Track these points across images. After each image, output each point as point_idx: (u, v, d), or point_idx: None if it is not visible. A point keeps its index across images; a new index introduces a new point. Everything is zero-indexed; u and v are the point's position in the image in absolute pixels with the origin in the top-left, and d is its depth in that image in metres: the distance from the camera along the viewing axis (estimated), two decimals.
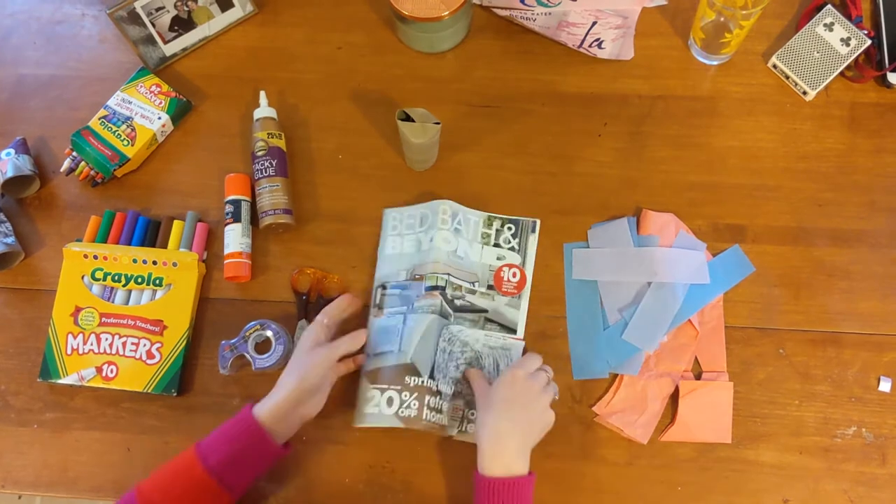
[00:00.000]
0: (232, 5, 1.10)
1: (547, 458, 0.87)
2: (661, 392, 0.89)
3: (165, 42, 1.08)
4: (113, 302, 0.95)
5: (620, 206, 0.98)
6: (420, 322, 0.91)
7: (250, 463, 0.80)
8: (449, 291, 0.93)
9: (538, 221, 0.98)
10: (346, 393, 0.92)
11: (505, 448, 0.79)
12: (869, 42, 1.00)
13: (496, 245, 0.97)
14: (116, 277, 0.96)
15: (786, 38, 1.04)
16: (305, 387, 0.82)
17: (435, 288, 0.92)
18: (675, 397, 0.89)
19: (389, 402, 0.87)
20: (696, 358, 0.91)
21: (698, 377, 0.90)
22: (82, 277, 0.96)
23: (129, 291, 0.96)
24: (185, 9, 1.07)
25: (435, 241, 0.94)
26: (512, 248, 0.97)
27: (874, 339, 0.91)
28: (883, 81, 1.02)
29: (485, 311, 0.94)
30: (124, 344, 0.93)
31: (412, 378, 0.88)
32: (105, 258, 0.96)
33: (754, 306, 0.93)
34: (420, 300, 0.92)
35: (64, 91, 1.11)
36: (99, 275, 0.96)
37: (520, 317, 0.94)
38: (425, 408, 0.86)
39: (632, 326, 0.91)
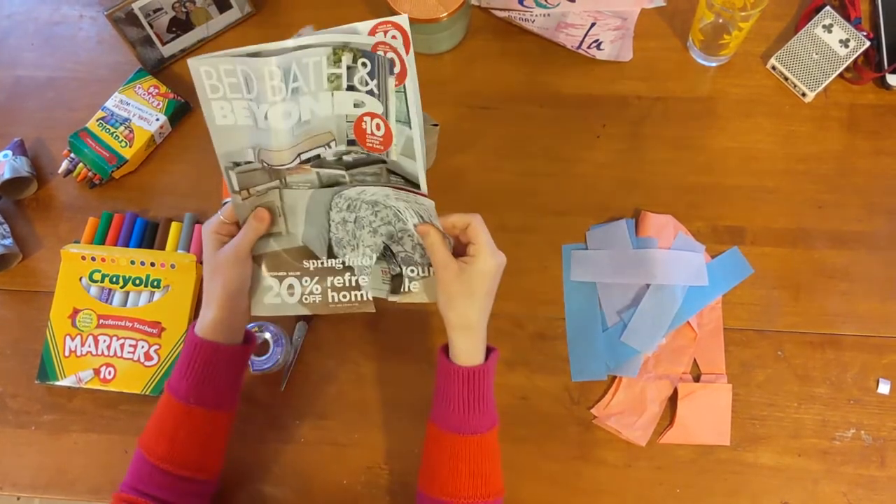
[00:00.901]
0: (230, 6, 1.10)
1: (545, 459, 0.87)
2: (660, 394, 0.89)
3: (163, 43, 1.08)
4: (111, 304, 0.95)
5: (619, 207, 0.98)
6: (298, 200, 0.77)
7: (221, 376, 0.79)
8: (328, 153, 0.75)
9: (393, 54, 0.72)
10: (344, 395, 0.92)
11: (483, 336, 0.77)
12: (868, 44, 1.00)
13: (350, 88, 0.72)
14: (114, 279, 0.96)
15: (785, 39, 1.04)
16: (232, 290, 0.77)
17: (308, 161, 0.75)
18: (673, 399, 0.89)
19: (290, 290, 0.80)
20: (694, 360, 0.91)
21: (697, 379, 0.90)
22: (80, 279, 0.96)
23: (127, 293, 0.96)
24: (184, 10, 1.07)
25: (270, 119, 0.71)
26: (371, 92, 0.71)
27: (873, 341, 0.91)
28: (882, 83, 1.02)
29: (383, 161, 0.75)
30: (122, 346, 0.93)
31: (311, 262, 0.79)
32: (103, 260, 0.96)
33: (753, 308, 0.93)
34: (292, 174, 0.76)
35: (61, 92, 1.11)
36: (97, 276, 0.96)
37: (418, 168, 0.73)
38: (330, 290, 0.79)
39: (630, 328, 0.91)
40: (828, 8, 1.02)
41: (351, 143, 0.74)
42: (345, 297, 0.79)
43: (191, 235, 0.98)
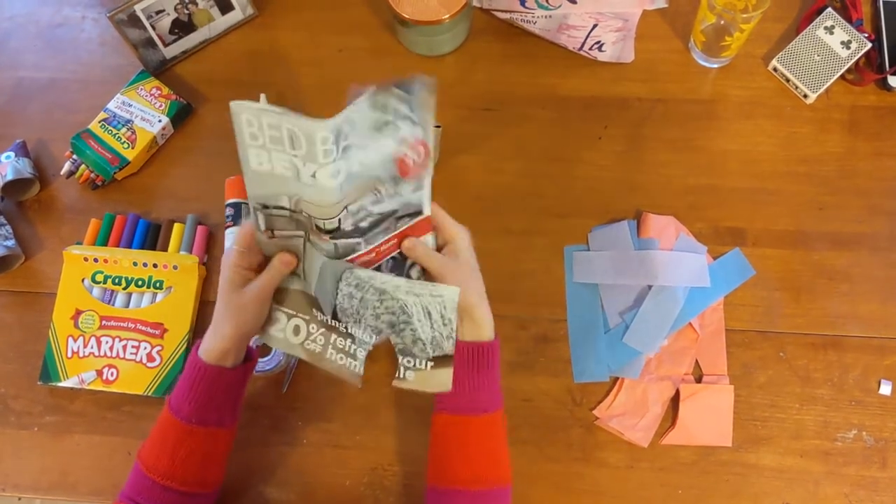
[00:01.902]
0: (232, 8, 1.10)
1: (547, 460, 0.88)
2: (662, 395, 0.89)
3: (165, 45, 1.08)
4: (113, 305, 0.95)
5: (621, 209, 0.98)
6: (315, 259, 0.77)
7: (225, 398, 0.79)
8: (348, 222, 0.74)
9: (429, 83, 0.71)
10: (347, 397, 0.92)
11: (487, 311, 0.78)
12: (869, 45, 1.00)
13: (391, 123, 0.71)
14: (117, 280, 0.96)
15: (786, 41, 1.04)
16: (248, 330, 0.77)
17: (329, 232, 0.74)
18: (675, 401, 0.89)
19: (296, 330, 0.78)
20: (696, 361, 0.91)
21: (699, 380, 0.90)
22: (82, 280, 0.96)
23: (130, 294, 0.96)
24: (186, 12, 1.07)
25: (319, 178, 0.68)
26: (408, 119, 0.71)
27: (875, 343, 0.91)
28: (883, 84, 1.02)
29: (394, 211, 0.75)
30: (125, 347, 0.93)
31: (318, 312, 0.78)
32: (105, 261, 0.96)
33: (755, 309, 0.93)
34: (313, 233, 0.75)
35: (64, 94, 1.11)
36: (99, 278, 0.96)
37: (424, 196, 0.75)
38: (331, 347, 0.77)
39: (632, 330, 0.91)
40: (829, 9, 1.03)
41: (395, 179, 0.73)
42: (341, 359, 0.78)
43: (193, 237, 0.99)
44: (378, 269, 0.78)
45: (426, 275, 0.79)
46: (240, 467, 0.89)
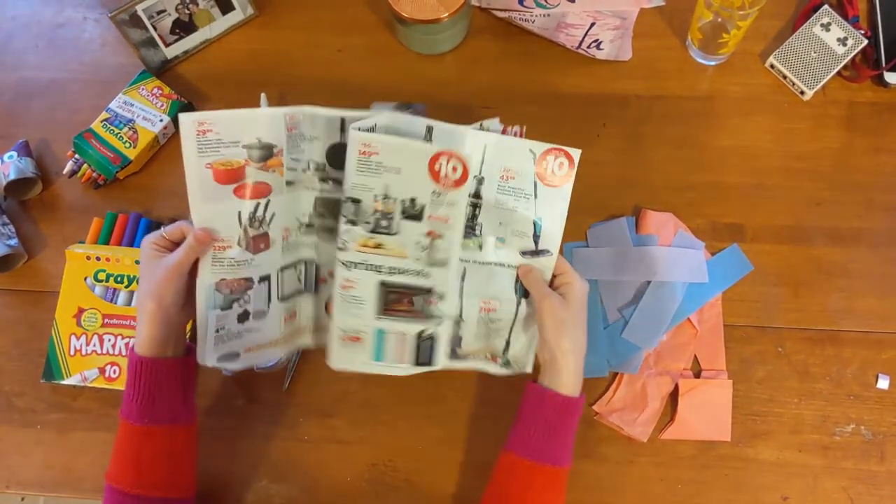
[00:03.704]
0: (233, 8, 1.10)
1: None
2: (661, 390, 0.90)
3: (167, 45, 1.09)
4: (115, 303, 0.96)
5: (619, 205, 0.99)
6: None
7: (170, 390, 0.78)
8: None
9: (426, 105, 0.86)
10: (349, 393, 0.92)
11: (582, 367, 0.79)
12: (866, 42, 1.01)
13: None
14: (119, 279, 0.97)
15: (783, 38, 1.04)
16: (167, 305, 0.77)
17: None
18: (674, 395, 0.90)
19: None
20: (695, 356, 0.92)
21: (698, 375, 0.91)
22: (85, 279, 0.97)
23: (132, 293, 0.97)
24: (187, 12, 1.07)
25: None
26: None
27: (872, 337, 0.92)
28: (880, 81, 1.02)
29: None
30: (127, 345, 0.94)
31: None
32: (107, 260, 0.97)
33: (753, 305, 0.94)
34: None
35: (66, 94, 1.11)
36: (101, 276, 0.97)
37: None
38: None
39: (631, 325, 0.91)
40: (826, 6, 1.03)
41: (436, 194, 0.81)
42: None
43: None
44: None
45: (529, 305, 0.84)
46: (241, 463, 0.89)
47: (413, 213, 0.80)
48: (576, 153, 0.84)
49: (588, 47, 1.05)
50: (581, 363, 0.79)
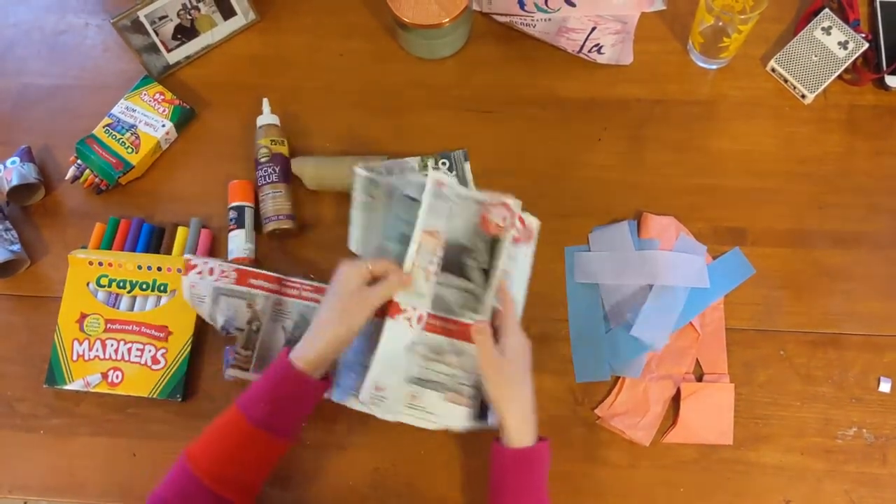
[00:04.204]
0: (234, 13, 1.11)
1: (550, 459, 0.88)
2: (663, 394, 0.90)
3: (168, 50, 1.09)
4: (118, 308, 0.96)
5: (621, 209, 0.99)
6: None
7: (296, 407, 0.80)
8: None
9: (465, 151, 1.00)
10: None
11: (532, 416, 0.80)
12: (866, 45, 1.01)
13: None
14: (121, 284, 0.97)
15: (784, 41, 1.05)
16: (351, 332, 0.80)
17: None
18: (676, 399, 0.90)
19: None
20: (697, 360, 0.92)
21: (700, 379, 0.91)
22: (87, 284, 0.97)
23: (134, 298, 0.97)
24: (188, 17, 1.08)
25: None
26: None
27: (875, 341, 0.92)
28: (881, 84, 1.02)
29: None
30: (129, 350, 0.94)
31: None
32: (110, 265, 0.97)
33: (755, 308, 0.94)
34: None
35: (68, 100, 1.12)
36: (104, 281, 0.97)
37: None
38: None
39: (639, 322, 0.91)
40: (826, 10, 1.03)
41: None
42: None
43: (197, 240, 0.99)
44: None
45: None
46: None
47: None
48: (516, 204, 0.90)
49: (589, 51, 1.06)
50: (527, 412, 0.80)
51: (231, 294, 0.90)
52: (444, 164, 1.00)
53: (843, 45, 1.01)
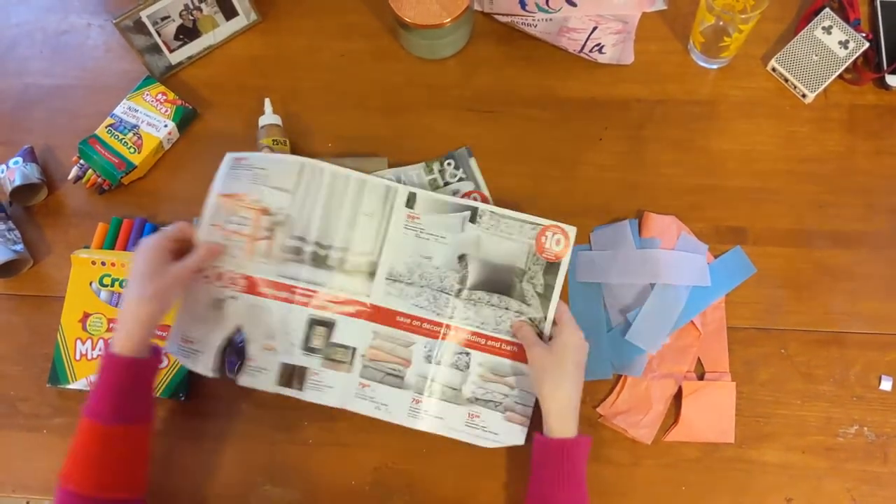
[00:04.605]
0: (236, 14, 1.11)
1: None
2: (665, 393, 0.90)
3: (171, 51, 1.09)
4: (121, 308, 0.96)
5: (622, 209, 0.99)
6: None
7: (138, 391, 0.81)
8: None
9: (468, 147, 1.01)
10: None
11: (574, 411, 0.81)
12: (867, 45, 1.01)
13: (447, 184, 1.00)
14: (124, 283, 0.97)
15: (784, 41, 1.05)
16: (166, 308, 0.83)
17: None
18: (678, 398, 0.90)
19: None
20: (698, 359, 0.92)
21: (701, 378, 0.91)
22: (90, 284, 0.97)
23: None
24: (191, 18, 1.08)
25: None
26: (461, 179, 1.00)
27: (876, 339, 0.92)
28: (881, 84, 1.03)
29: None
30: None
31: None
32: (113, 264, 0.97)
33: (756, 307, 0.94)
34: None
35: (70, 100, 1.12)
36: (107, 281, 0.97)
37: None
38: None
39: (635, 327, 0.91)
40: (827, 10, 1.03)
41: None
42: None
43: None
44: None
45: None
46: (245, 466, 0.89)
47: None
48: (571, 230, 0.92)
49: (590, 51, 1.06)
50: (568, 405, 0.81)
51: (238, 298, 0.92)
52: (449, 164, 1.01)
53: (844, 44, 1.02)
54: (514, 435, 0.88)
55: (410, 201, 0.93)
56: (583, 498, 0.79)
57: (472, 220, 0.92)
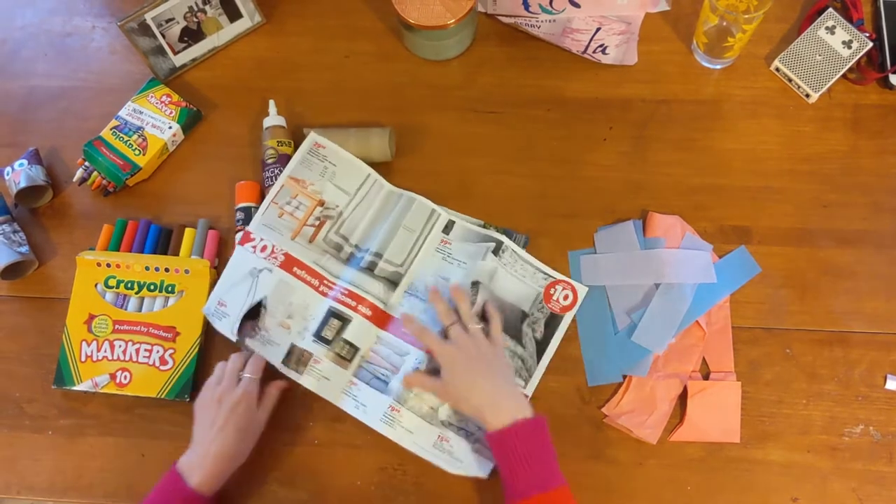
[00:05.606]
0: (240, 16, 1.11)
1: (558, 458, 0.88)
2: (670, 393, 0.90)
3: (175, 53, 1.10)
4: (126, 309, 0.96)
5: (626, 209, 0.99)
6: None
7: None
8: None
9: (527, 237, 0.99)
10: None
11: (506, 398, 0.83)
12: (870, 44, 1.01)
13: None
14: (129, 285, 0.97)
15: (788, 41, 1.05)
16: (246, 452, 0.86)
17: None
18: (683, 398, 0.90)
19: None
20: (703, 359, 0.92)
21: (706, 377, 0.91)
22: (95, 285, 0.97)
23: (142, 298, 0.97)
24: (195, 20, 1.08)
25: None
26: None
27: (880, 339, 0.92)
28: (885, 83, 1.03)
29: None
30: (137, 350, 0.94)
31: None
32: (118, 266, 0.98)
33: (761, 307, 0.94)
34: None
35: (75, 102, 1.12)
36: (112, 282, 0.97)
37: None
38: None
39: (641, 328, 0.91)
40: (830, 10, 1.03)
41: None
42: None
43: (204, 241, 1.00)
44: None
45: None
46: (251, 466, 0.89)
47: None
48: (582, 289, 0.95)
49: (594, 52, 1.06)
50: (494, 397, 0.83)
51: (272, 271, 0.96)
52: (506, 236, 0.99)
53: (847, 44, 1.02)
54: (479, 466, 0.88)
55: (448, 228, 0.98)
56: (548, 476, 0.79)
57: (496, 252, 0.95)
